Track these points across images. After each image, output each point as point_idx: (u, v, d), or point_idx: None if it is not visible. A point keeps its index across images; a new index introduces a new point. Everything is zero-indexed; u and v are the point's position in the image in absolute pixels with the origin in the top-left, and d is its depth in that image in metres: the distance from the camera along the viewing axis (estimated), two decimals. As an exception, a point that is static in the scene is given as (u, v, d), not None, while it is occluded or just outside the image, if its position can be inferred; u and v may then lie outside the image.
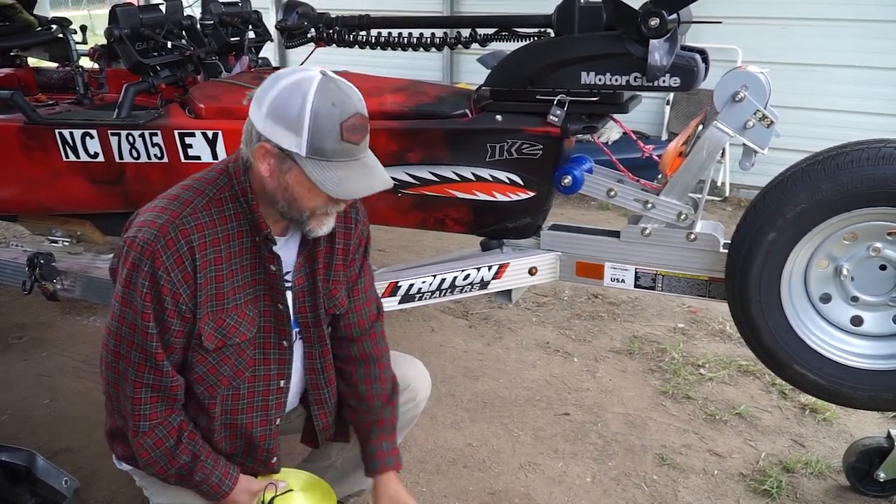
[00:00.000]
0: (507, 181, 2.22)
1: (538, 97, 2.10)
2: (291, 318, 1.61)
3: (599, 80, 2.02)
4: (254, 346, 1.58)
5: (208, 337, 1.49)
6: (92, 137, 2.40)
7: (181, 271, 1.43)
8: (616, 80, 2.00)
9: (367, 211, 1.74)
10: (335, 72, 1.45)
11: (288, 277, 1.60)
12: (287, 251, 1.59)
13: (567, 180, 2.16)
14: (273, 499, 1.62)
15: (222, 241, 1.48)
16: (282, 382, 1.64)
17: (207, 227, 1.46)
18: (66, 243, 2.77)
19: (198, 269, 1.45)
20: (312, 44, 2.56)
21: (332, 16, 2.53)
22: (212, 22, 2.69)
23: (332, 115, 1.37)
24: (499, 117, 2.16)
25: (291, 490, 1.68)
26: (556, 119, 2.07)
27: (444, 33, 2.44)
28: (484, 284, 2.31)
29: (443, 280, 2.29)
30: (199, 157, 2.33)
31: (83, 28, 3.46)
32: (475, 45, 2.39)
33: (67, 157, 2.45)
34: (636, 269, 2.22)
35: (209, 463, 1.55)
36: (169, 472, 1.53)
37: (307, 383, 1.72)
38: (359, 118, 1.40)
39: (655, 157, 2.26)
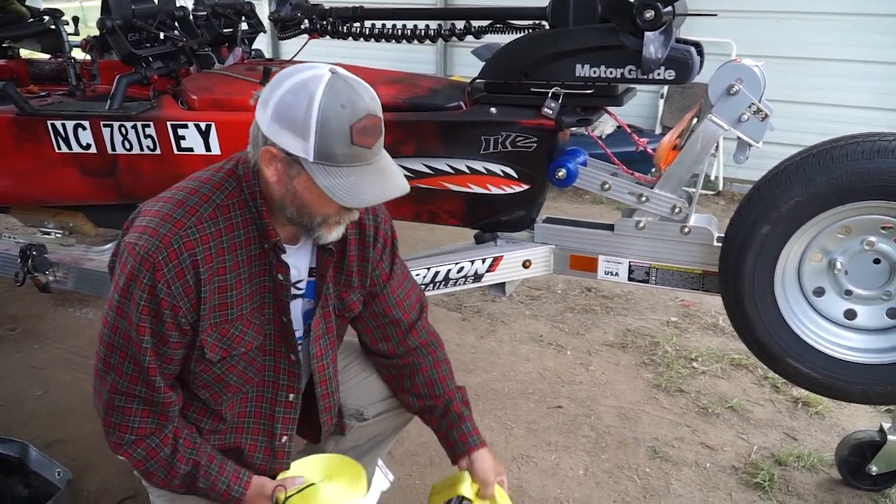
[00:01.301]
0: (501, 174, 2.21)
1: (533, 90, 2.09)
2: (297, 330, 1.56)
3: (594, 72, 2.01)
4: (263, 353, 1.52)
5: (212, 348, 1.43)
6: (84, 129, 2.38)
7: (182, 284, 1.35)
8: (611, 73, 1.99)
9: None
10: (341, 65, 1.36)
11: (301, 286, 1.54)
12: (298, 259, 1.52)
13: (561, 173, 2.15)
14: (287, 499, 1.49)
15: (227, 250, 1.40)
16: (290, 396, 1.58)
17: (213, 237, 1.38)
18: (59, 235, 2.75)
19: (202, 282, 1.36)
20: (306, 35, 2.55)
21: (326, 7, 2.52)
22: (205, 13, 2.67)
23: (341, 117, 1.25)
24: (493, 110, 2.15)
25: (312, 484, 1.54)
26: (551, 112, 2.06)
27: (439, 25, 2.43)
28: (478, 277, 2.31)
29: (436, 273, 2.28)
30: (191, 149, 2.32)
31: (75, 19, 3.43)
32: (469, 38, 2.38)
33: (59, 148, 2.44)
34: (630, 262, 2.22)
35: (213, 469, 1.48)
36: (172, 483, 1.47)
37: (315, 377, 1.65)
38: (371, 119, 1.28)
39: (650, 151, 2.25)
